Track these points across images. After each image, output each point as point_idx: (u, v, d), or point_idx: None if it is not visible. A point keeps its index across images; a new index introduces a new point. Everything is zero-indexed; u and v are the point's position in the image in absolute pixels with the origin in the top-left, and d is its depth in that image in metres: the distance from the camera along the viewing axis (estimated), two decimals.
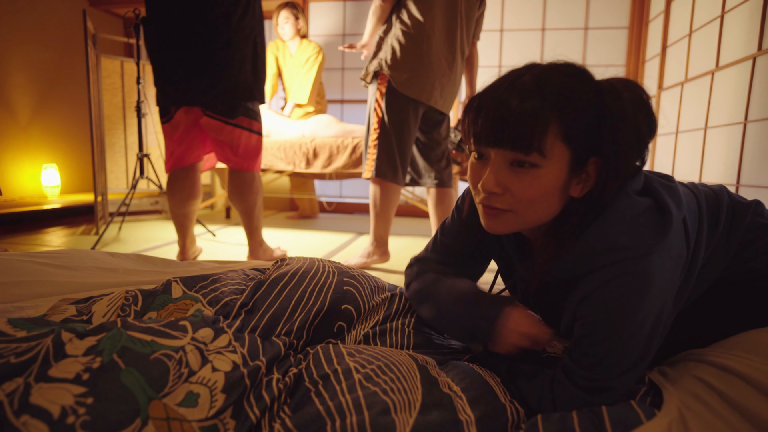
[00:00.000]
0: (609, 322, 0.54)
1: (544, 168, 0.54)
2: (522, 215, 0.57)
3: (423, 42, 1.75)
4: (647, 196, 0.58)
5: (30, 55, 3.37)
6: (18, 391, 0.46)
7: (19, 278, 0.79)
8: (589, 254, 0.56)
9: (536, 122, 0.52)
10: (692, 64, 2.49)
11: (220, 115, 1.66)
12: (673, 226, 0.55)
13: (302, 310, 0.70)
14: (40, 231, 2.84)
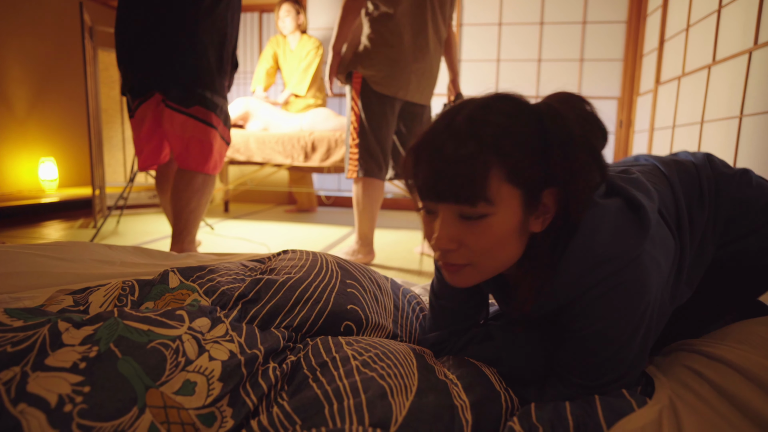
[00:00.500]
0: (605, 333, 0.53)
1: (495, 215, 0.51)
2: (482, 267, 0.54)
3: (393, 36, 1.72)
4: (613, 196, 0.56)
5: (26, 47, 3.35)
6: (15, 380, 0.47)
7: (16, 269, 0.79)
8: (576, 278, 0.53)
9: (475, 171, 0.48)
10: (689, 58, 2.49)
11: (174, 101, 1.51)
12: (651, 218, 0.54)
13: (304, 306, 0.69)
14: (38, 225, 2.83)
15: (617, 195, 0.56)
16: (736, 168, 0.71)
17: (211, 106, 1.55)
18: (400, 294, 0.90)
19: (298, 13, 3.15)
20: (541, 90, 3.61)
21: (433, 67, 1.89)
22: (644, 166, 0.70)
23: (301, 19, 3.17)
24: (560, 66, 3.56)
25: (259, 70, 3.30)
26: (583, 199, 0.52)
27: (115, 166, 3.29)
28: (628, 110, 3.45)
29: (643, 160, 0.74)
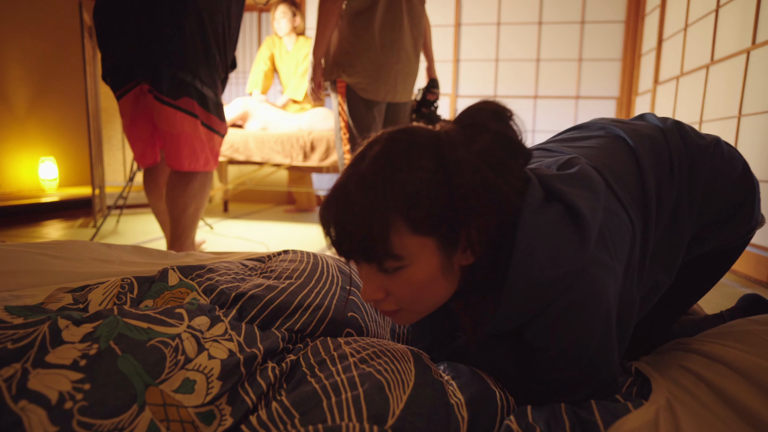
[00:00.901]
0: (571, 352, 0.51)
1: (410, 266, 0.49)
2: (414, 310, 0.53)
3: (373, 38, 1.68)
4: (552, 202, 0.52)
5: (26, 47, 3.35)
6: (16, 377, 0.47)
7: (16, 267, 0.79)
8: (522, 305, 0.51)
9: (372, 231, 0.46)
10: (688, 57, 2.50)
11: (161, 92, 1.39)
12: (591, 225, 0.50)
13: (305, 311, 0.69)
14: (38, 224, 2.83)
15: (556, 200, 0.53)
16: (708, 137, 0.68)
17: (199, 97, 1.45)
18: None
19: (294, 15, 3.14)
20: (539, 90, 3.62)
21: (414, 64, 1.86)
22: (605, 140, 0.66)
23: (297, 21, 3.16)
24: (559, 66, 3.56)
25: (255, 71, 3.29)
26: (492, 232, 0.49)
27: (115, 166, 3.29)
28: (626, 110, 3.45)
29: (606, 130, 0.69)
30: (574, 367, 0.52)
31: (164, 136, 1.46)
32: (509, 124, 0.51)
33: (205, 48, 1.43)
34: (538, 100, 3.63)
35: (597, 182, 0.55)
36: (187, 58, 1.39)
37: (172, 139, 1.45)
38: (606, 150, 0.64)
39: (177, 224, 1.55)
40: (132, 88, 1.47)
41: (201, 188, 1.56)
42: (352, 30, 1.69)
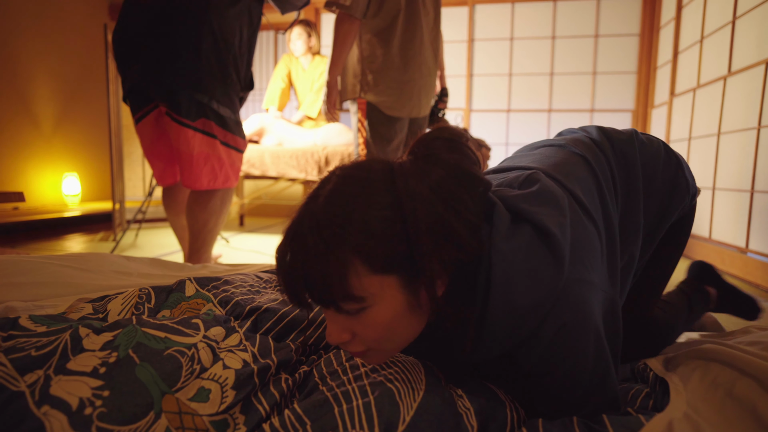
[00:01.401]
0: (569, 375, 0.50)
1: (373, 306, 0.47)
2: (383, 350, 0.51)
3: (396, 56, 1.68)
4: (520, 223, 0.52)
5: (53, 68, 3.49)
6: (39, 383, 0.49)
7: (39, 279, 0.82)
8: (507, 333, 0.50)
9: (327, 276, 0.45)
10: (704, 69, 2.48)
11: (178, 114, 1.41)
12: (563, 245, 0.50)
13: (319, 327, 0.70)
14: (61, 237, 2.91)
15: (524, 221, 0.52)
16: (625, 131, 0.73)
17: (216, 117, 1.46)
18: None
19: (309, 36, 3.21)
20: (554, 104, 3.61)
21: (434, 78, 1.87)
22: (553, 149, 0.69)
23: (312, 42, 3.23)
24: (573, 79, 3.56)
25: (272, 88, 3.36)
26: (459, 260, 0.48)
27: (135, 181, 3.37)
28: (642, 123, 3.42)
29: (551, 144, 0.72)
30: (576, 387, 0.52)
31: (182, 156, 1.48)
32: (464, 153, 0.50)
33: (222, 69, 1.45)
34: (553, 113, 3.63)
35: (560, 197, 0.54)
36: (203, 80, 1.42)
37: (191, 160, 1.47)
38: (558, 158, 0.65)
39: (196, 238, 1.56)
40: (151, 111, 1.50)
41: (221, 204, 1.57)
42: (373, 49, 1.69)
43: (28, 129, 3.32)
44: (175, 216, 1.74)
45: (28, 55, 3.30)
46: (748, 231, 1.97)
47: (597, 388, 0.52)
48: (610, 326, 0.55)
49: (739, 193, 2.04)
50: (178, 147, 1.47)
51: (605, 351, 0.52)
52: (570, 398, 0.52)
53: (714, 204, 2.27)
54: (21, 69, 3.25)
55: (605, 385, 0.53)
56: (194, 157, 1.46)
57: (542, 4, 3.54)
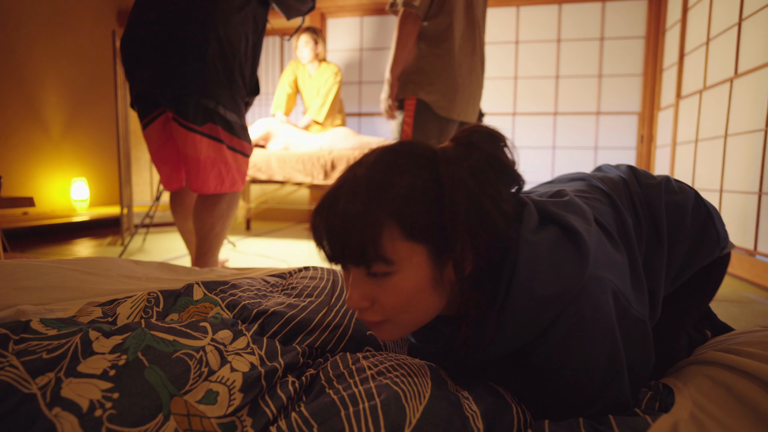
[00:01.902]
0: (581, 372, 0.51)
1: (399, 272, 0.49)
2: (401, 322, 0.53)
3: (452, 57, 1.70)
4: (548, 224, 0.53)
5: (62, 74, 3.53)
6: (50, 385, 0.49)
7: (49, 283, 0.83)
8: (524, 323, 0.51)
9: (363, 232, 0.47)
10: (710, 71, 2.47)
11: (184, 119, 1.42)
12: (589, 244, 0.51)
13: (325, 330, 0.70)
14: (70, 242, 2.94)
15: (551, 222, 0.53)
16: (658, 177, 0.72)
17: (223, 122, 1.48)
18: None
19: (316, 44, 3.24)
20: (559, 107, 3.61)
21: (481, 87, 1.89)
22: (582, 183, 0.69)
23: (318, 49, 3.27)
24: (578, 82, 3.56)
25: (279, 94, 3.39)
26: (490, 245, 0.49)
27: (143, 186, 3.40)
28: (649, 125, 3.41)
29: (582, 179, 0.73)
30: (586, 385, 0.52)
31: (189, 161, 1.49)
32: (503, 149, 0.52)
33: (228, 74, 1.47)
34: (558, 116, 3.62)
35: (587, 211, 0.56)
36: (210, 86, 1.43)
37: (198, 164, 1.48)
38: (587, 192, 0.66)
39: (203, 242, 1.58)
40: (158, 116, 1.52)
41: (228, 208, 1.59)
42: (432, 50, 1.71)
43: (37, 134, 3.36)
44: (183, 220, 1.76)
45: (37, 61, 3.34)
46: (756, 233, 1.95)
47: (607, 389, 0.52)
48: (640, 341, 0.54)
49: (747, 195, 2.03)
50: (185, 152, 1.48)
51: (620, 354, 0.52)
52: (579, 397, 0.52)
53: (722, 206, 2.25)
54: (30, 75, 3.30)
55: (616, 387, 0.53)
56: (201, 162, 1.48)
57: (547, 7, 3.55)
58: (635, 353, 0.54)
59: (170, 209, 1.79)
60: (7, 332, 0.56)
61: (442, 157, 0.50)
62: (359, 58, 3.98)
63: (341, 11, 3.93)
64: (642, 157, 3.46)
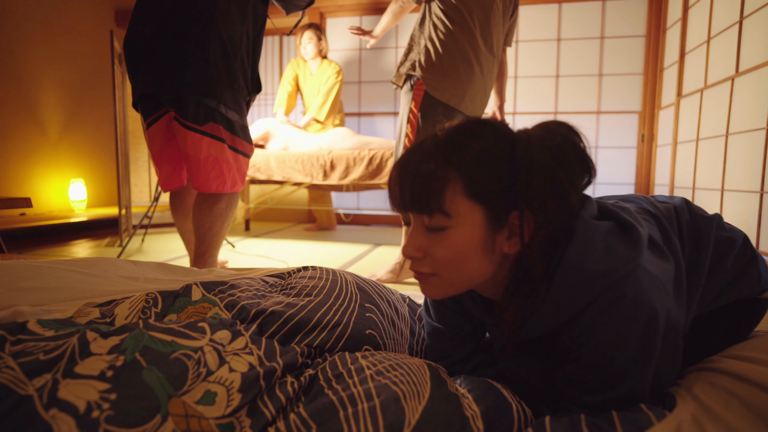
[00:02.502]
0: (609, 351, 0.51)
1: (455, 228, 0.52)
2: (447, 278, 0.55)
3: (458, 48, 1.69)
4: (605, 218, 0.56)
5: (60, 75, 3.53)
6: (47, 387, 0.49)
7: (46, 284, 0.82)
8: (568, 296, 0.52)
9: (431, 183, 0.51)
10: (711, 70, 2.46)
11: (186, 119, 1.43)
12: (643, 238, 0.53)
13: (324, 329, 0.70)
14: (67, 243, 2.93)
15: (608, 218, 0.56)
16: (710, 214, 0.73)
17: (224, 121, 1.48)
18: (416, 318, 0.90)
19: (320, 40, 3.24)
20: (559, 107, 3.60)
21: (487, 86, 1.86)
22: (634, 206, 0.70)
23: (322, 45, 3.26)
24: (579, 81, 3.55)
25: (281, 92, 3.39)
26: (550, 224, 0.52)
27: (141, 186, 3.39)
28: (650, 124, 3.41)
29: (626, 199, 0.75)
30: (609, 366, 0.52)
31: (190, 160, 1.50)
32: (580, 139, 0.55)
33: (229, 73, 1.47)
34: (558, 116, 3.62)
35: (640, 219, 0.59)
36: (211, 85, 1.43)
37: (198, 164, 1.49)
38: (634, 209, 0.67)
39: (202, 242, 1.58)
40: (161, 116, 1.53)
41: (227, 208, 1.59)
42: (447, 34, 1.70)
43: (35, 135, 3.36)
44: (183, 220, 1.76)
45: (35, 62, 3.34)
46: (758, 232, 1.95)
47: (629, 376, 0.52)
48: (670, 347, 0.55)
49: (749, 194, 2.02)
50: (186, 151, 1.48)
51: (652, 344, 0.52)
52: (599, 378, 0.52)
53: (723, 206, 2.25)
54: (28, 75, 3.29)
55: (637, 377, 0.52)
56: (202, 161, 1.48)
57: (547, 6, 3.54)
58: (664, 357, 0.54)
59: (170, 209, 1.79)
60: (4, 333, 0.56)
61: (521, 136, 0.53)
62: (358, 57, 3.97)
63: (340, 11, 3.93)
64: (643, 157, 3.45)
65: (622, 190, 3.50)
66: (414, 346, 0.82)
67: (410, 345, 0.81)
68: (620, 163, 3.52)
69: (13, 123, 3.19)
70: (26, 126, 3.29)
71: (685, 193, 2.70)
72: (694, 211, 0.71)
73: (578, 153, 0.54)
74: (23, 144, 3.27)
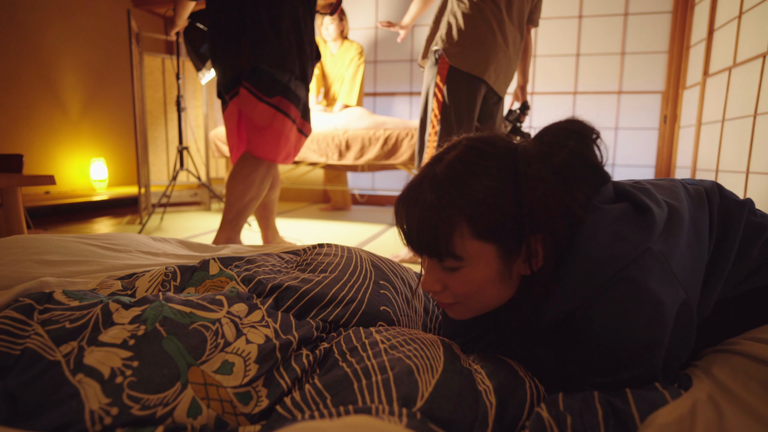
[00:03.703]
0: (613, 331, 0.51)
1: (469, 267, 0.53)
2: (471, 306, 0.57)
3: (481, 18, 1.67)
4: (621, 201, 0.56)
5: (80, 55, 3.56)
6: (73, 353, 0.51)
7: (70, 257, 0.85)
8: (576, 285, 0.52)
9: (437, 230, 0.51)
10: (741, 47, 2.37)
11: (256, 88, 1.51)
12: (657, 220, 0.52)
13: (339, 305, 0.71)
14: (90, 221, 3.01)
15: (624, 199, 0.55)
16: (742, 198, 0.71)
17: (295, 99, 1.56)
18: (430, 296, 0.90)
19: (341, 20, 3.21)
20: (579, 86, 3.52)
21: (511, 60, 1.83)
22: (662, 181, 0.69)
23: (344, 26, 3.23)
24: (600, 60, 3.45)
25: None
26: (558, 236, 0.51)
27: (159, 165, 3.44)
28: (673, 105, 3.31)
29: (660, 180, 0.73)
30: (620, 349, 0.52)
31: (254, 127, 1.56)
32: (591, 146, 0.53)
33: (299, 46, 1.55)
34: (578, 96, 3.53)
35: (660, 200, 0.57)
36: (284, 58, 1.51)
37: (261, 132, 1.55)
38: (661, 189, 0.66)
39: (229, 209, 1.61)
40: (238, 92, 1.59)
41: (261, 180, 1.63)
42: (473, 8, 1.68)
43: (56, 115, 3.41)
44: None
45: (54, 42, 3.37)
46: None
47: (639, 358, 0.52)
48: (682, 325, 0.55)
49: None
50: (251, 117, 1.55)
51: (661, 327, 0.52)
52: (609, 361, 0.53)
53: (747, 188, 2.19)
54: (46, 55, 3.33)
55: (648, 359, 0.52)
56: (266, 130, 1.56)
57: None
58: (676, 335, 0.54)
59: None
60: (32, 303, 0.58)
61: (522, 155, 0.52)
62: (375, 36, 3.91)
63: None
64: (665, 138, 3.36)
65: (641, 172, 3.43)
66: (428, 323, 0.83)
67: (424, 322, 0.82)
68: (641, 145, 3.43)
69: (34, 103, 3.24)
70: (48, 106, 3.34)
71: (708, 175, 2.63)
72: (725, 194, 0.69)
73: (589, 166, 0.52)
74: (46, 124, 3.33)
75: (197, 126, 3.58)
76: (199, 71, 2.08)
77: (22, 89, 3.16)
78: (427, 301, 0.88)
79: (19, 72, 3.13)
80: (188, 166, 2.97)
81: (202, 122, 3.62)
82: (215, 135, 3.25)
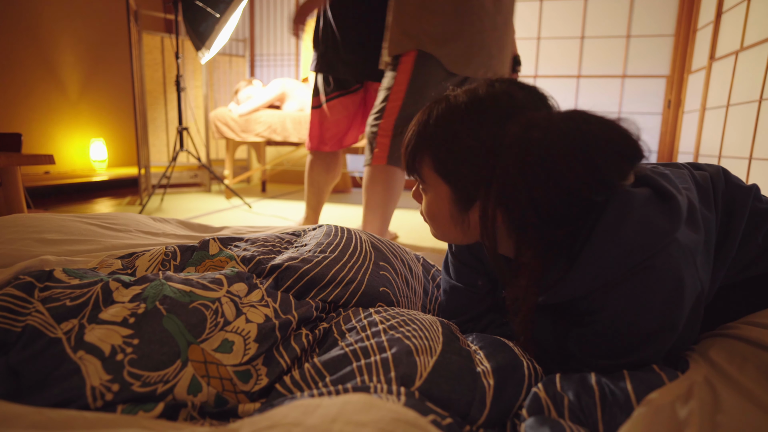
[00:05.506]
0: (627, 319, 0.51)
1: (429, 193, 0.62)
2: (436, 228, 0.65)
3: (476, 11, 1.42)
4: (642, 185, 0.54)
5: (77, 34, 3.51)
6: (74, 331, 0.51)
7: (70, 236, 0.85)
8: (598, 270, 0.51)
9: (409, 152, 0.61)
10: (750, 31, 2.33)
11: None
12: (682, 208, 0.51)
13: (338, 285, 0.71)
14: (89, 201, 3.00)
15: (645, 185, 0.54)
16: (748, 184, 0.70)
17: None
18: (429, 278, 0.91)
19: None
20: (583, 70, 3.47)
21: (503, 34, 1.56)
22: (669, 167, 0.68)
23: None
24: (605, 43, 3.40)
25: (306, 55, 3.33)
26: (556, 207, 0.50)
27: (159, 146, 3.42)
28: (678, 89, 3.27)
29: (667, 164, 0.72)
30: (620, 335, 0.52)
31: None
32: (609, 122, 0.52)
33: None
34: (582, 79, 3.49)
35: (679, 187, 0.57)
36: None
37: None
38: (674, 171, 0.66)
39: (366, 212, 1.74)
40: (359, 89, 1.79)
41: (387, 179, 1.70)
42: None
43: (55, 95, 3.38)
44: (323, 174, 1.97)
45: (52, 21, 3.32)
46: None
47: (649, 343, 0.52)
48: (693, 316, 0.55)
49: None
50: None
51: (678, 316, 0.51)
52: (618, 344, 0.53)
53: (750, 174, 2.18)
54: (45, 34, 3.28)
55: (657, 345, 0.52)
56: None
57: None
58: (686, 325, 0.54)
59: (311, 165, 1.96)
60: (33, 280, 0.58)
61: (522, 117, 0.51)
62: None
63: None
64: (668, 123, 3.34)
65: None
66: (427, 305, 0.83)
67: (423, 304, 0.82)
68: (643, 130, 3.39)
69: (32, 81, 3.21)
70: (46, 85, 3.31)
71: (711, 161, 2.62)
72: (730, 180, 0.68)
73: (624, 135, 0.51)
74: (44, 103, 3.30)
75: (197, 107, 3.55)
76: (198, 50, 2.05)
77: (20, 68, 3.12)
78: (427, 283, 0.88)
79: (16, 51, 3.09)
80: (188, 147, 2.96)
81: (202, 103, 3.59)
82: (215, 116, 3.22)
